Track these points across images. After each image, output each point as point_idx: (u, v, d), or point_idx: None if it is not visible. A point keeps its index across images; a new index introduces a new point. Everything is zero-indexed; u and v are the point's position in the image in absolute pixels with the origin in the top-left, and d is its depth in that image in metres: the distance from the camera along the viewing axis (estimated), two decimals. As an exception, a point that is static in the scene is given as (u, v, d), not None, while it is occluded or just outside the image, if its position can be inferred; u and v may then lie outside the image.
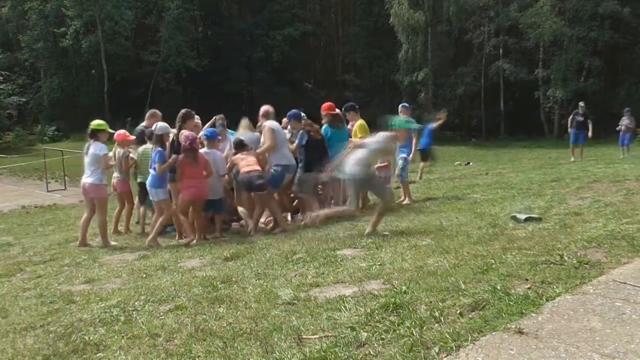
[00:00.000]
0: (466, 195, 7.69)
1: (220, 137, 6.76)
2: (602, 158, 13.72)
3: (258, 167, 6.16)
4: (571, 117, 14.38)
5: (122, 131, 7.32)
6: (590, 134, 13.83)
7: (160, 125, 6.30)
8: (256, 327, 2.67)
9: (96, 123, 6.45)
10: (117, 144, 7.17)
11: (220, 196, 6.37)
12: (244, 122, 7.17)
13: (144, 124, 7.35)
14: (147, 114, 7.56)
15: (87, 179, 6.32)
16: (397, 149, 7.92)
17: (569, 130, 14.35)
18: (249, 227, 6.43)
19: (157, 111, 7.64)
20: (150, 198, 6.35)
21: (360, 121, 7.29)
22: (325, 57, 43.10)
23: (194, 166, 5.95)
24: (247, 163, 6.14)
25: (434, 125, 11.11)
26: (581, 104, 14.54)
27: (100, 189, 6.34)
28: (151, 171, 6.16)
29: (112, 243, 6.39)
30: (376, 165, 7.70)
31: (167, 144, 6.39)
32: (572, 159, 13.83)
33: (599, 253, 3.39)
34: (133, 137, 7.26)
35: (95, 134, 6.34)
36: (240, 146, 6.42)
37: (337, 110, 7.35)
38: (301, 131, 6.81)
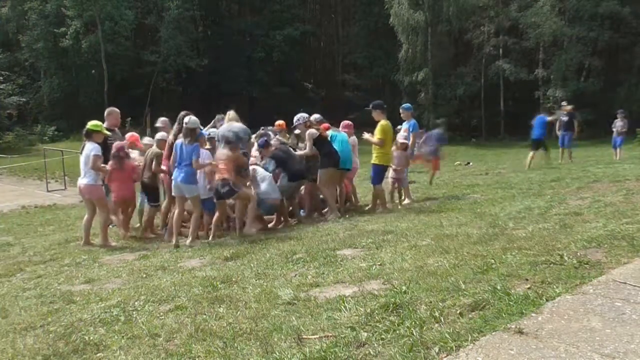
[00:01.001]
0: (466, 195, 7.69)
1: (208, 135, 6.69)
2: (601, 158, 13.71)
3: (223, 175, 5.99)
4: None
5: (134, 134, 7.50)
6: (574, 134, 13.08)
7: (192, 119, 6.21)
8: (256, 327, 2.67)
9: (92, 124, 6.46)
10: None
11: (209, 195, 6.33)
12: (231, 114, 6.90)
13: (105, 124, 7.27)
14: (106, 113, 7.52)
15: (81, 180, 6.33)
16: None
17: (557, 132, 13.70)
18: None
19: (114, 109, 7.58)
20: (185, 195, 6.17)
21: (383, 122, 7.14)
22: (325, 57, 43.09)
23: (121, 171, 6.55)
24: (218, 170, 6.09)
25: (550, 117, 12.51)
26: (563, 103, 13.99)
27: (95, 190, 6.34)
28: (182, 167, 6.06)
29: (112, 244, 6.39)
30: (394, 167, 7.66)
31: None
32: (560, 161, 13.02)
33: (599, 253, 3.39)
34: (143, 144, 7.36)
35: (90, 134, 6.35)
36: (227, 143, 6.28)
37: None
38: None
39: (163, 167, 6.70)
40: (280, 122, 8.22)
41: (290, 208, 7.32)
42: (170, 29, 31.91)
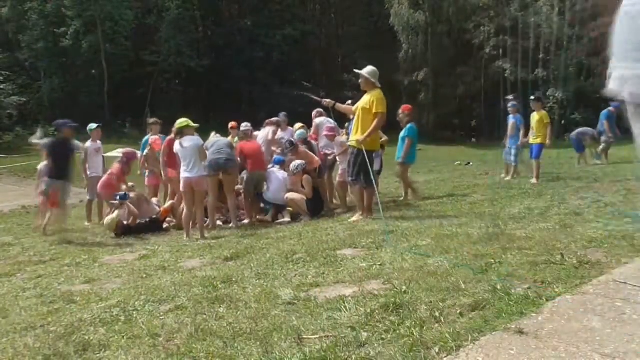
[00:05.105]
0: (466, 195, 7.69)
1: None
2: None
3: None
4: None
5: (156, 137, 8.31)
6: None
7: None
8: (256, 327, 2.67)
9: (180, 122, 6.60)
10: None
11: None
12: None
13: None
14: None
15: (189, 173, 6.39)
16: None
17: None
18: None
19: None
20: None
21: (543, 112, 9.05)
22: (325, 57, 43.07)
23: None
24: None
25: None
26: (509, 97, 10.86)
27: (204, 181, 6.56)
28: None
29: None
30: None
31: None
32: (504, 175, 10.05)
33: (599, 253, 3.39)
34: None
35: (182, 132, 6.49)
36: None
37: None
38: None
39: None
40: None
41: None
42: (170, 29, 31.91)
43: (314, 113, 8.32)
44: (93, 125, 9.04)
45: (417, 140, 7.96)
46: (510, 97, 11.13)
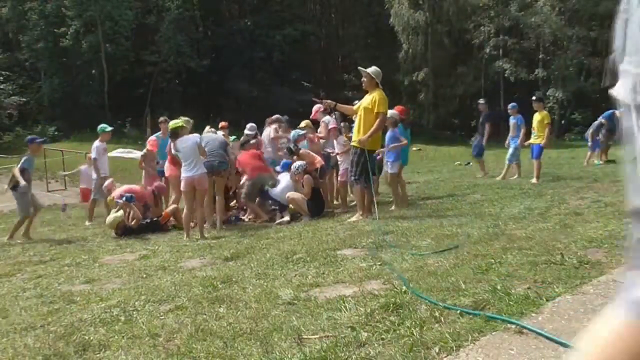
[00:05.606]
0: (466, 195, 7.69)
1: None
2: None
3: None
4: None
5: (152, 137, 8.64)
6: (484, 139, 10.86)
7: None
8: (256, 327, 2.67)
9: (173, 123, 6.61)
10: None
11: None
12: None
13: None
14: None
15: (190, 172, 6.36)
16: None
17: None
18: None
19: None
20: None
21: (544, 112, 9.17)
22: (325, 57, 43.08)
23: None
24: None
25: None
26: (480, 101, 11.48)
27: (205, 179, 6.54)
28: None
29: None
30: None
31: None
32: (480, 175, 10.93)
33: (599, 253, 3.39)
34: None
35: (177, 133, 6.48)
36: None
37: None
38: None
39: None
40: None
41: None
42: (170, 29, 31.90)
43: (317, 107, 8.12)
44: (107, 128, 8.98)
45: (408, 141, 7.82)
46: (481, 100, 11.62)
